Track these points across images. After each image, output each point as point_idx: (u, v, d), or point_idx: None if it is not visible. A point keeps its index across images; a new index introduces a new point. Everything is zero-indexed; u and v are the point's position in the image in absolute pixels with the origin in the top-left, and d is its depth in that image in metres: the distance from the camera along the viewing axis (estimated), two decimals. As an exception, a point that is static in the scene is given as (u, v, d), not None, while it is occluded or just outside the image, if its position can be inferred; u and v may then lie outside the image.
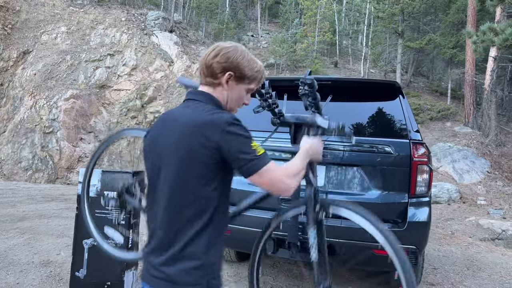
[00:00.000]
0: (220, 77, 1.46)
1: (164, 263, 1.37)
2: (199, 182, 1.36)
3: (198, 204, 1.37)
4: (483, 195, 12.33)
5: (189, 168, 1.36)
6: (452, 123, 17.99)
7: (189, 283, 1.33)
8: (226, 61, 1.45)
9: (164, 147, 1.43)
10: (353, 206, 1.75)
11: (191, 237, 1.36)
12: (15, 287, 3.51)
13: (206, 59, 1.47)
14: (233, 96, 1.53)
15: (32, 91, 14.49)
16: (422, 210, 2.96)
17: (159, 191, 1.43)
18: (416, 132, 3.08)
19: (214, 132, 1.33)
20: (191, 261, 1.35)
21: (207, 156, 1.33)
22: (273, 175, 1.36)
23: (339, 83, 3.40)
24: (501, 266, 4.86)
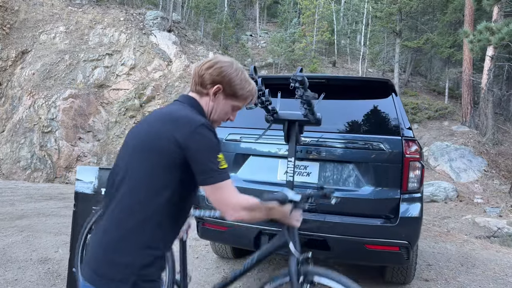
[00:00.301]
0: (208, 88, 1.49)
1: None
2: (151, 173, 1.33)
3: (144, 197, 1.33)
4: (480, 193, 12.41)
5: (149, 155, 1.34)
6: (450, 122, 18.06)
7: (113, 278, 1.30)
8: (219, 74, 1.48)
9: (136, 134, 1.44)
10: (337, 275, 1.74)
11: (127, 232, 1.32)
12: (13, 283, 3.55)
13: (200, 68, 1.50)
14: (218, 109, 1.54)
15: (31, 91, 14.52)
16: (414, 206, 3.00)
17: (118, 177, 1.41)
18: (408, 129, 3.12)
19: (186, 128, 1.34)
20: (121, 256, 1.31)
21: (169, 149, 1.32)
22: (225, 196, 1.36)
23: (332, 81, 3.44)
24: (495, 262, 4.91)
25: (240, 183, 3.30)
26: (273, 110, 2.78)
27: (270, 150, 3.26)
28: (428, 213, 10.79)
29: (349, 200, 3.05)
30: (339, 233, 2.93)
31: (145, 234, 1.33)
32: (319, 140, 3.13)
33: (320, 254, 3.08)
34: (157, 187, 1.33)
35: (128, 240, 1.32)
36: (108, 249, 1.33)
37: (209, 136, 1.36)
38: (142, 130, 1.43)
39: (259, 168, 3.30)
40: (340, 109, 3.35)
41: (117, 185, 1.39)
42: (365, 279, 3.95)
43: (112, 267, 1.31)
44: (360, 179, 3.08)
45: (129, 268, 1.30)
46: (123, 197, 1.36)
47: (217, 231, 3.29)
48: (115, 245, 1.32)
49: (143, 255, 1.32)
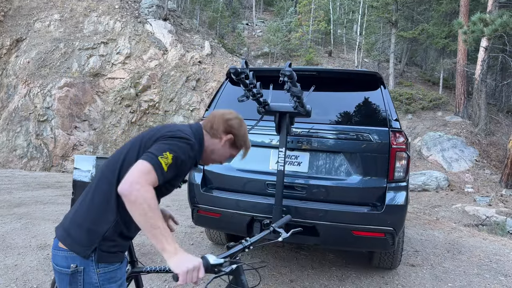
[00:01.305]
0: (222, 134, 1.75)
1: (71, 217, 1.59)
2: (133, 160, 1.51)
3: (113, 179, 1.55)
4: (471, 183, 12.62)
5: (129, 151, 1.59)
6: (443, 112, 18.22)
7: (76, 240, 1.51)
8: (235, 127, 1.77)
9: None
10: None
11: (94, 203, 1.54)
12: (13, 269, 3.65)
13: (220, 117, 1.77)
14: (220, 152, 1.80)
15: (26, 79, 14.48)
16: (400, 194, 3.14)
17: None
18: (396, 120, 3.24)
19: (167, 130, 1.60)
20: (84, 222, 1.52)
21: (145, 145, 1.57)
22: (134, 172, 1.41)
23: (323, 74, 3.55)
24: (481, 249, 5.08)
25: (233, 172, 3.42)
26: (265, 102, 2.88)
27: (262, 141, 3.37)
28: (419, 201, 10.99)
29: (338, 189, 3.18)
30: (328, 220, 3.07)
31: (115, 213, 1.52)
32: (309, 131, 3.25)
33: (309, 240, 3.22)
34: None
35: (100, 213, 1.53)
36: (81, 216, 1.55)
37: (177, 142, 1.54)
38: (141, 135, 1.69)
39: (252, 158, 3.41)
40: (330, 101, 3.46)
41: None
42: (354, 264, 4.11)
43: (82, 232, 1.51)
44: (349, 169, 3.21)
45: (95, 235, 1.50)
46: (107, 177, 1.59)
47: (212, 218, 3.42)
48: (88, 214, 1.54)
49: (109, 228, 1.52)
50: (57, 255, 1.54)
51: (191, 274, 1.37)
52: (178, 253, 1.39)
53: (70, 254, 1.50)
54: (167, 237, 1.39)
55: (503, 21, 10.22)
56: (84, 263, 1.49)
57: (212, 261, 1.45)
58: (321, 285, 3.56)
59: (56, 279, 1.58)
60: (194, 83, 16.61)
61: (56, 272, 1.56)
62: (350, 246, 3.44)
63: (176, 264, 1.37)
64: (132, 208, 1.36)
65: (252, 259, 4.10)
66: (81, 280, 1.49)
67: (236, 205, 3.26)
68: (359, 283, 3.64)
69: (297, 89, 2.56)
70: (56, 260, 1.54)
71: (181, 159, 1.52)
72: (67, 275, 1.50)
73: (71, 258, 1.50)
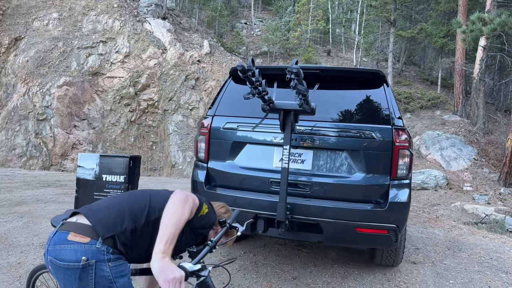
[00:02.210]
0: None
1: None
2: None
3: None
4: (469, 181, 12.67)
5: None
6: (442, 111, 18.27)
7: (102, 220, 1.62)
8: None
9: None
10: None
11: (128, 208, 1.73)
12: (17, 267, 3.66)
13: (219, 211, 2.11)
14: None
15: (25, 78, 14.44)
16: (403, 192, 3.16)
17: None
18: (399, 118, 3.26)
19: None
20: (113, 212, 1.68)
21: None
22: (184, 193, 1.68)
23: (326, 72, 3.56)
24: (481, 247, 5.11)
25: (237, 170, 3.43)
26: (270, 100, 2.89)
27: (266, 138, 3.38)
28: (418, 200, 11.02)
29: (341, 186, 3.20)
30: (331, 217, 3.09)
31: (141, 222, 1.68)
32: (313, 129, 3.26)
33: (312, 238, 3.24)
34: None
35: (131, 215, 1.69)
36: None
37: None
38: None
39: (255, 155, 3.43)
40: (333, 99, 3.48)
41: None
42: (356, 262, 4.14)
43: (109, 215, 1.62)
44: (352, 166, 3.23)
45: (119, 223, 1.61)
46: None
47: (215, 215, 3.43)
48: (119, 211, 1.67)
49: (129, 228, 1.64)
50: (64, 249, 1.47)
51: (173, 284, 1.40)
52: (166, 259, 1.44)
53: (81, 247, 1.46)
54: (169, 248, 1.49)
55: (502, 20, 10.26)
56: (96, 257, 1.47)
57: (190, 268, 1.53)
58: (324, 282, 3.58)
59: (60, 277, 1.50)
60: (193, 82, 16.59)
61: (60, 268, 1.48)
62: (354, 243, 3.46)
63: (159, 269, 1.42)
64: (176, 206, 1.57)
65: (256, 257, 4.11)
66: (92, 274, 1.45)
67: (240, 202, 3.27)
68: (361, 280, 3.66)
69: (303, 87, 2.57)
70: (61, 256, 1.47)
71: (210, 214, 1.90)
72: (76, 269, 1.44)
73: (81, 251, 1.46)
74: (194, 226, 1.74)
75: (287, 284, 3.51)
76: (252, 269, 3.79)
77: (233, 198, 3.31)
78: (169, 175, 13.81)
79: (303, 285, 3.49)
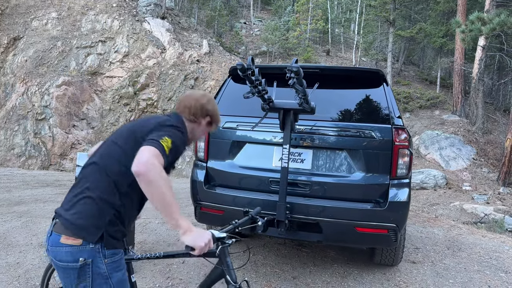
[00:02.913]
0: (200, 119, 1.93)
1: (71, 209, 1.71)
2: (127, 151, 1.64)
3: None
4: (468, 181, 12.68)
5: (127, 140, 1.68)
6: (441, 111, 18.29)
7: (83, 226, 1.60)
8: (210, 110, 1.95)
9: (123, 128, 1.80)
10: None
11: (96, 195, 1.66)
12: (15, 267, 3.65)
13: (196, 103, 1.91)
14: (199, 132, 1.99)
15: (24, 78, 14.41)
16: (402, 191, 3.15)
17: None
18: (398, 118, 3.25)
19: (160, 121, 1.72)
20: (90, 210, 1.64)
21: (143, 136, 1.64)
22: (145, 154, 1.48)
23: (326, 71, 3.55)
24: (481, 247, 5.11)
25: (236, 170, 3.42)
26: (269, 99, 2.88)
27: (266, 138, 3.37)
28: (418, 200, 11.03)
29: (341, 186, 3.19)
30: (331, 216, 3.08)
31: (118, 200, 1.65)
32: (313, 128, 3.26)
33: (312, 237, 3.24)
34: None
35: (104, 203, 1.65)
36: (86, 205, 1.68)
37: (172, 130, 1.67)
38: (136, 122, 1.80)
39: (255, 155, 3.42)
40: (333, 98, 3.47)
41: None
42: (356, 261, 4.13)
43: (88, 219, 1.60)
44: (352, 166, 3.22)
45: (101, 219, 1.60)
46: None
47: (215, 215, 3.43)
48: (92, 205, 1.65)
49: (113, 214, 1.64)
50: (60, 251, 1.54)
51: (205, 247, 1.57)
52: (192, 229, 1.56)
53: (75, 249, 1.52)
54: (179, 214, 1.52)
55: (501, 20, 10.27)
56: (92, 255, 1.54)
57: (217, 235, 1.75)
58: (324, 282, 3.58)
59: (60, 275, 1.58)
60: (193, 82, 16.59)
61: (59, 268, 1.56)
62: (353, 242, 3.46)
63: (193, 239, 1.55)
64: (149, 187, 1.44)
65: (255, 256, 4.11)
66: (89, 272, 1.54)
67: (240, 202, 3.26)
68: (361, 280, 3.66)
69: (300, 88, 2.57)
70: (59, 257, 1.55)
71: (176, 144, 1.64)
72: (75, 269, 1.52)
73: (77, 252, 1.53)
74: (171, 162, 1.71)
75: (287, 283, 3.50)
76: (252, 268, 3.79)
77: (233, 197, 3.30)
78: (168, 175, 13.77)
79: (302, 285, 3.49)
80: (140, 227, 5.00)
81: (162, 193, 1.45)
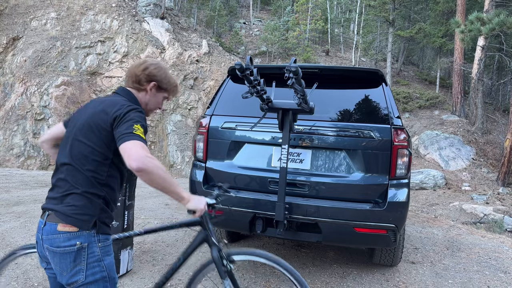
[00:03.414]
0: (145, 85, 1.92)
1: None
2: (95, 146, 1.72)
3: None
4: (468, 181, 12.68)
5: (89, 135, 1.73)
6: (440, 111, 18.29)
7: (78, 216, 1.72)
8: (154, 74, 1.92)
9: (77, 120, 1.81)
10: (250, 250, 2.22)
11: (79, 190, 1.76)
12: (14, 267, 3.64)
13: (138, 69, 1.92)
14: (152, 100, 1.97)
15: (23, 78, 14.39)
16: (402, 191, 3.15)
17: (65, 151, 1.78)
18: (397, 118, 3.25)
19: (113, 105, 1.75)
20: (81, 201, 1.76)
21: (107, 123, 1.71)
22: (133, 150, 1.58)
23: (325, 71, 3.55)
24: (480, 247, 5.11)
25: (235, 170, 3.42)
26: (268, 99, 2.88)
27: (265, 138, 3.37)
28: (417, 200, 11.03)
29: (340, 186, 3.19)
30: (330, 217, 3.07)
31: (101, 190, 1.77)
32: (312, 128, 3.25)
33: (311, 238, 3.23)
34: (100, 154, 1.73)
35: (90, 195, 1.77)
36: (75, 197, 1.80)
37: (134, 114, 1.71)
38: (88, 112, 1.80)
39: (254, 155, 3.42)
40: (332, 98, 3.47)
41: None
42: (355, 262, 4.13)
43: (81, 209, 1.75)
44: (351, 166, 3.22)
45: (94, 210, 1.77)
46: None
47: (214, 215, 3.41)
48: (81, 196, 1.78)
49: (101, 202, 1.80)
50: (58, 238, 1.66)
51: (204, 209, 1.91)
52: (191, 197, 1.87)
53: (72, 235, 1.66)
54: (180, 189, 1.74)
55: (500, 20, 10.27)
56: (88, 240, 1.68)
57: (209, 202, 2.05)
58: (323, 282, 3.57)
59: (56, 261, 1.68)
60: (192, 82, 16.58)
61: (56, 254, 1.66)
62: (352, 243, 3.46)
63: (195, 204, 1.88)
64: (152, 178, 1.58)
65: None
66: (85, 255, 1.67)
67: (239, 202, 3.26)
68: (360, 280, 3.65)
69: (299, 88, 2.56)
70: (56, 243, 1.66)
71: (143, 124, 1.71)
72: (72, 253, 1.65)
73: (74, 238, 1.66)
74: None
75: (286, 284, 3.50)
76: (251, 269, 3.78)
77: (232, 197, 3.29)
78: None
79: (301, 285, 3.48)
80: (139, 227, 4.99)
81: (162, 178, 1.61)
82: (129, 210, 3.56)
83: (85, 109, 1.85)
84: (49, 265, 1.77)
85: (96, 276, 1.69)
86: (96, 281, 1.69)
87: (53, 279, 1.85)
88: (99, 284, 1.70)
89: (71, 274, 1.66)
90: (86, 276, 1.67)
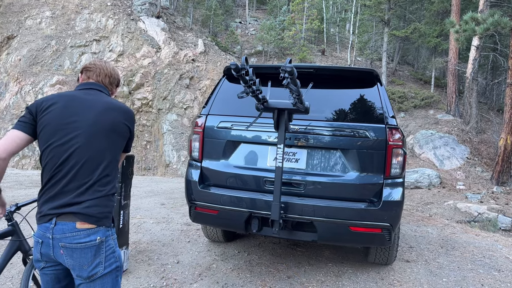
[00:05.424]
0: (115, 90, 2.14)
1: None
2: (116, 148, 1.92)
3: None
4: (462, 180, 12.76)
5: (111, 136, 1.89)
6: (435, 110, 18.38)
7: (101, 215, 1.90)
8: (120, 80, 2.17)
9: (82, 121, 1.85)
10: None
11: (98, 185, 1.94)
12: (9, 267, 3.62)
13: (115, 73, 2.10)
14: None
15: (18, 77, 14.32)
16: (396, 190, 3.17)
17: (73, 154, 1.83)
18: (392, 117, 3.27)
19: (130, 118, 1.98)
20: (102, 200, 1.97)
21: (125, 131, 1.95)
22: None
23: (320, 71, 3.56)
24: (474, 245, 5.14)
25: (231, 169, 3.42)
26: (263, 99, 2.89)
27: (260, 138, 3.38)
28: (412, 199, 11.09)
29: (335, 185, 3.20)
30: (325, 216, 3.09)
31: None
32: (307, 128, 3.26)
33: (306, 237, 3.24)
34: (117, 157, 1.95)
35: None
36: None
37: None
38: (94, 117, 1.87)
39: (250, 154, 3.42)
40: (327, 98, 3.48)
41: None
42: (350, 261, 4.15)
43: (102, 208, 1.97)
44: (346, 165, 3.23)
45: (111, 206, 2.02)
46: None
47: (209, 214, 3.43)
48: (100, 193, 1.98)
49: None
50: (78, 235, 1.77)
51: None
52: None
53: (92, 231, 1.79)
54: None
55: (495, 20, 10.35)
56: (106, 234, 1.84)
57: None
58: (318, 281, 3.59)
59: (76, 256, 1.77)
60: (188, 81, 16.56)
61: (76, 250, 1.77)
62: (348, 241, 3.47)
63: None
64: None
65: (250, 256, 4.11)
66: (103, 248, 1.82)
67: (234, 201, 3.26)
68: (355, 279, 3.67)
69: (294, 87, 2.57)
70: (77, 240, 1.77)
71: None
72: (93, 247, 1.78)
73: (93, 233, 1.79)
74: None
75: (282, 283, 3.51)
76: (247, 268, 3.79)
77: (227, 197, 3.30)
78: (163, 175, 13.76)
79: (297, 284, 3.50)
80: (135, 227, 4.99)
81: None
82: (125, 210, 3.56)
83: (88, 112, 1.93)
84: (47, 264, 1.84)
85: (112, 267, 1.85)
86: (112, 271, 1.86)
87: (50, 278, 1.90)
88: (113, 274, 1.86)
89: (92, 266, 1.79)
90: (105, 267, 1.82)
